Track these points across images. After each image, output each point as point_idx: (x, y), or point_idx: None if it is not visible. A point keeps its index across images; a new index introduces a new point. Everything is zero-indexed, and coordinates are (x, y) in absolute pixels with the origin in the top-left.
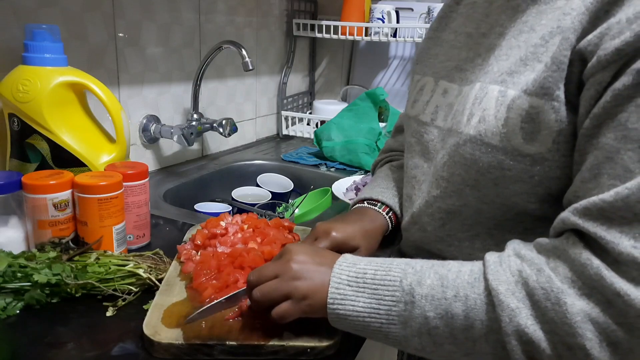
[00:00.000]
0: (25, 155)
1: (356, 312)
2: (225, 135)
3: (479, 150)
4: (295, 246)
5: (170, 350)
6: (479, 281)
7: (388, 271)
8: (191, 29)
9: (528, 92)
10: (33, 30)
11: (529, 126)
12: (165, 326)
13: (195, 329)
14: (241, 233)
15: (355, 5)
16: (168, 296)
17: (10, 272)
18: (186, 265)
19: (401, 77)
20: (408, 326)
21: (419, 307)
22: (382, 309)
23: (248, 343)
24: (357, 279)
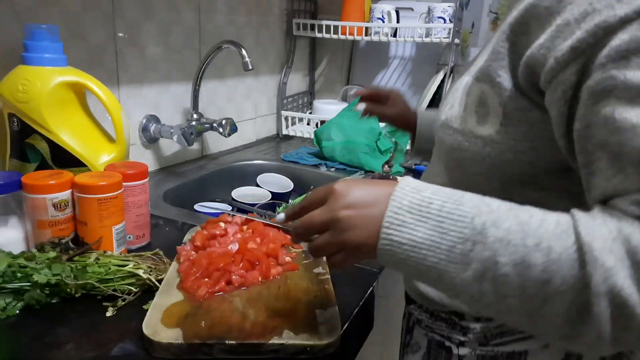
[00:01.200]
0: (25, 155)
1: (413, 241)
2: (225, 135)
3: (445, 133)
4: (342, 186)
5: (170, 350)
6: (568, 234)
7: (458, 205)
8: (191, 29)
9: (477, 78)
10: (33, 30)
11: (481, 110)
12: (164, 326)
13: (195, 328)
14: (240, 234)
15: (356, 5)
16: (167, 296)
17: (10, 272)
18: (182, 266)
19: (401, 77)
20: (471, 269)
21: (491, 249)
22: (445, 244)
23: (247, 342)
24: (420, 207)
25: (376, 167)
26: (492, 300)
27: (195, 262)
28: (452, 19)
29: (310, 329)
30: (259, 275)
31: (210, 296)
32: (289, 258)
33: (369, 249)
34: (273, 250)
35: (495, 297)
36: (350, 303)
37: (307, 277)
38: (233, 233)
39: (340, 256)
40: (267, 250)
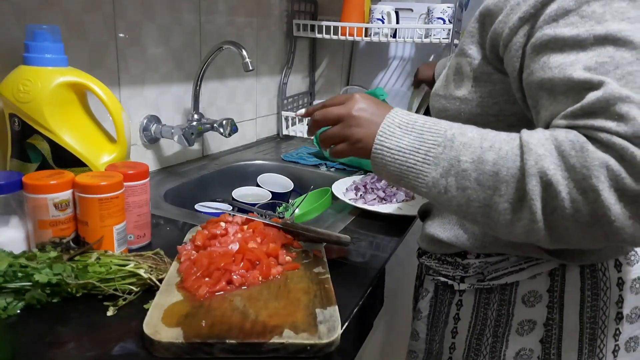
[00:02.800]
0: (26, 155)
1: (399, 147)
2: (226, 136)
3: (434, 100)
4: (360, 96)
5: (170, 349)
6: (514, 139)
7: (437, 123)
8: (191, 30)
9: (456, 54)
10: (34, 30)
11: (457, 77)
12: (165, 325)
13: (195, 327)
14: (241, 233)
15: (355, 6)
16: (168, 296)
17: (11, 272)
18: (183, 265)
19: (401, 77)
20: (440, 167)
21: (455, 150)
22: (422, 149)
23: (248, 341)
24: (407, 124)
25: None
26: (455, 194)
27: (196, 262)
28: (451, 19)
29: (311, 328)
30: (260, 274)
31: (211, 296)
32: (289, 258)
33: (366, 147)
34: (273, 249)
35: (457, 190)
36: (350, 303)
37: (307, 277)
38: (234, 233)
39: (342, 147)
40: (267, 250)
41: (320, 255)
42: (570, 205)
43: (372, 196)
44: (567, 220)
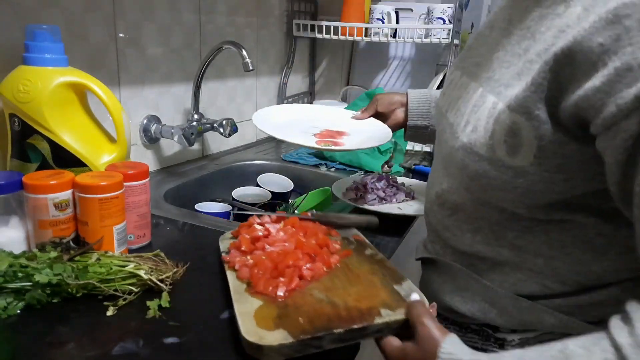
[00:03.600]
0: (26, 155)
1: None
2: (226, 136)
3: (469, 158)
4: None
5: (282, 351)
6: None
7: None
8: (192, 30)
9: (511, 107)
10: (34, 30)
11: (512, 140)
12: (265, 330)
13: (296, 325)
14: (283, 231)
15: (355, 6)
16: (246, 303)
17: (11, 272)
18: (241, 272)
19: (401, 78)
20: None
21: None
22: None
23: (354, 327)
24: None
25: (376, 167)
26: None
27: (259, 265)
28: (451, 19)
29: (402, 303)
30: (323, 265)
31: (289, 294)
32: (337, 246)
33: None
34: (323, 240)
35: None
36: None
37: (364, 260)
38: (276, 231)
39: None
40: (317, 242)
41: (361, 239)
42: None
43: (372, 196)
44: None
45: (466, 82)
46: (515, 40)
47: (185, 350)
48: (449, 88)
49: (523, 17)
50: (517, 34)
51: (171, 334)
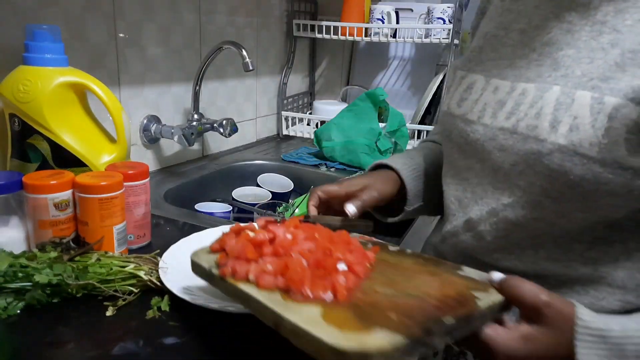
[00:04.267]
0: (26, 155)
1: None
2: (226, 136)
3: (571, 162)
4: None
5: (394, 356)
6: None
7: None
8: (192, 30)
9: (637, 100)
10: (34, 30)
11: (636, 137)
12: (356, 333)
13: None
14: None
15: (355, 6)
16: (300, 312)
17: (11, 272)
18: (264, 280)
19: (401, 78)
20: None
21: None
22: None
23: (462, 315)
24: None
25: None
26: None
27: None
28: (451, 19)
29: (484, 286)
30: (366, 260)
31: (350, 294)
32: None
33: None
34: (346, 236)
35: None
36: None
37: (398, 254)
38: (283, 234)
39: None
40: (341, 239)
41: (372, 239)
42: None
43: None
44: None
45: (505, 84)
46: (584, 38)
47: (185, 350)
48: (470, 93)
49: (587, 13)
50: (584, 31)
51: (171, 334)
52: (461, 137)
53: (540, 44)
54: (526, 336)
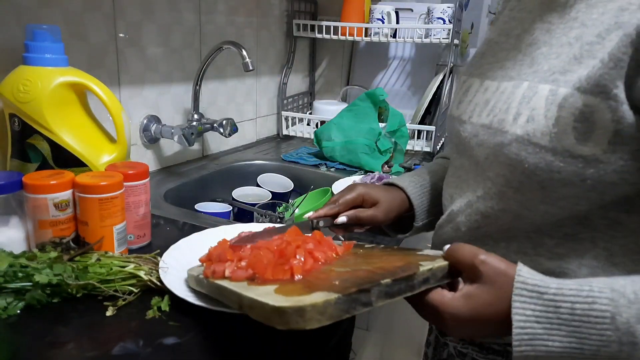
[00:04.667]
0: (26, 155)
1: (551, 352)
2: (226, 136)
3: (526, 151)
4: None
5: (327, 311)
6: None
7: (591, 304)
8: (191, 30)
9: (582, 89)
10: (34, 30)
11: (582, 125)
12: (299, 296)
13: (334, 286)
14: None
15: (355, 6)
16: (258, 290)
17: (11, 272)
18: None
19: (401, 78)
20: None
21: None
22: (587, 349)
23: (401, 276)
24: (547, 314)
25: (376, 167)
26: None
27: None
28: (451, 19)
29: (437, 259)
30: (331, 251)
31: (306, 274)
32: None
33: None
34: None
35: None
36: None
37: (370, 248)
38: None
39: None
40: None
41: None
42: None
43: None
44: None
45: (493, 84)
46: (557, 35)
47: (185, 350)
48: (467, 95)
49: (564, 11)
50: (560, 28)
51: (171, 334)
52: (456, 137)
53: (525, 45)
54: (467, 294)
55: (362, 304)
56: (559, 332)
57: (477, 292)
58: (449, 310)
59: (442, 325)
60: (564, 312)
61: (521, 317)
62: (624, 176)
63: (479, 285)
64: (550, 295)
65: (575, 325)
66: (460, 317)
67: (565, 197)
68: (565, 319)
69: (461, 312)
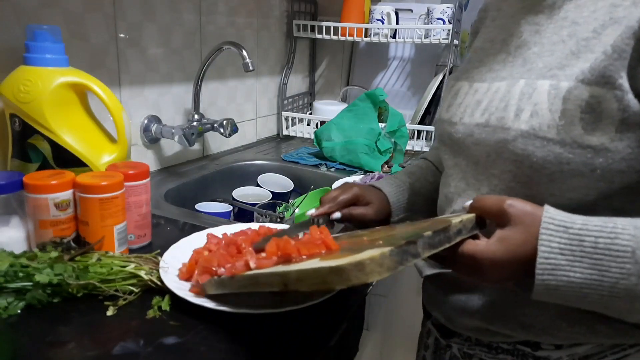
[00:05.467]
0: (26, 155)
1: (571, 282)
2: (226, 136)
3: (533, 145)
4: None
5: (384, 263)
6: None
7: (614, 238)
8: (192, 30)
9: (586, 81)
10: (34, 30)
11: (589, 116)
12: (348, 257)
13: (384, 244)
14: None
15: (355, 7)
16: (302, 264)
17: (12, 272)
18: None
19: (400, 78)
20: (639, 299)
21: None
22: (606, 282)
23: (439, 229)
24: (571, 247)
25: (376, 167)
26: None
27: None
28: (451, 20)
29: (457, 216)
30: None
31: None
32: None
33: (515, 282)
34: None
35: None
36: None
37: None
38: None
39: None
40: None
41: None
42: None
43: None
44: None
45: (483, 86)
46: (548, 34)
47: (185, 350)
48: (456, 98)
49: (552, 13)
50: (549, 28)
51: (171, 334)
52: (448, 139)
53: (514, 47)
54: (500, 238)
55: (412, 254)
56: (581, 263)
57: (509, 233)
58: (485, 256)
59: (479, 274)
60: (588, 246)
61: (546, 249)
62: (631, 163)
63: (510, 227)
64: (576, 229)
65: (597, 257)
66: (496, 260)
67: (574, 189)
68: (588, 252)
69: (497, 255)
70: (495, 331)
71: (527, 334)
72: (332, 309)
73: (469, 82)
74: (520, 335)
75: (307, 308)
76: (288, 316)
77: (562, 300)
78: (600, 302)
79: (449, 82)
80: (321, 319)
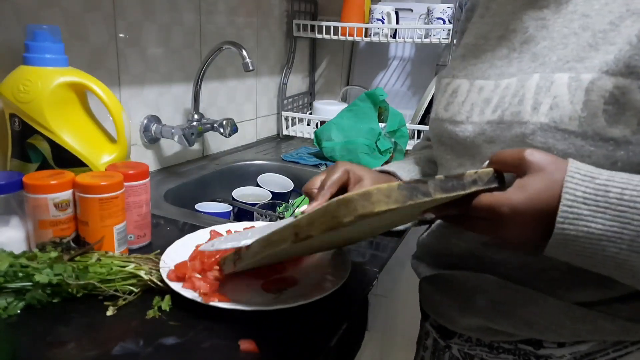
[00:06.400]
0: (26, 155)
1: (591, 234)
2: (226, 136)
3: (553, 138)
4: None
5: (392, 195)
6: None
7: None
8: (192, 30)
9: (610, 72)
10: (34, 30)
11: (613, 107)
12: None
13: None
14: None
15: (355, 6)
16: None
17: (11, 272)
18: (194, 284)
19: (401, 78)
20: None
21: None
22: (627, 235)
23: (452, 175)
24: (596, 197)
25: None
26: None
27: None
28: (451, 19)
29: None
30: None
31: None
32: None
33: (533, 241)
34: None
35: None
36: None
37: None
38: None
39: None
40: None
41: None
42: None
43: None
44: None
45: (489, 83)
46: (557, 28)
47: (185, 350)
48: (456, 97)
49: (559, 7)
50: (558, 22)
51: (171, 334)
52: (451, 138)
53: (519, 43)
54: (519, 185)
55: (422, 192)
56: (604, 215)
57: (529, 181)
58: (505, 203)
59: (498, 227)
60: (612, 197)
61: (570, 197)
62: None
63: (529, 175)
64: (603, 180)
65: (620, 210)
66: (516, 207)
67: None
68: (612, 203)
69: (515, 202)
70: (498, 330)
71: (531, 331)
72: (332, 309)
73: (469, 80)
74: (523, 333)
75: (307, 308)
76: (288, 316)
77: (575, 255)
78: (615, 258)
79: (441, 80)
80: (321, 319)
